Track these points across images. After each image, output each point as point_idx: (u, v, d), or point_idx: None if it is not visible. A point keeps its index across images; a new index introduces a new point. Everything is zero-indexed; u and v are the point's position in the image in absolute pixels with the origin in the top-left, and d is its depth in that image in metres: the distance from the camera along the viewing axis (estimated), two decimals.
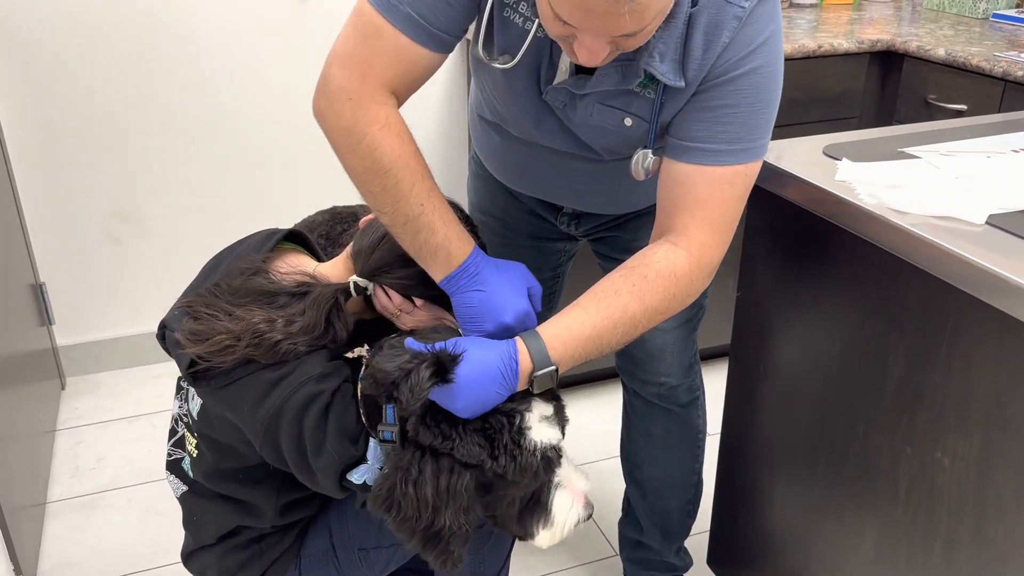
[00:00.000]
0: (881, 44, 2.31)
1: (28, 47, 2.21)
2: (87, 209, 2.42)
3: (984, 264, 0.99)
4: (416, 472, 1.04)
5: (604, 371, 2.47)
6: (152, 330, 2.61)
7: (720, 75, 1.07)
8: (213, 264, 1.29)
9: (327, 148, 1.15)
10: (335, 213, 1.58)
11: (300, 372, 1.12)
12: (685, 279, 1.11)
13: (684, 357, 1.56)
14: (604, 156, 1.27)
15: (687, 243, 1.11)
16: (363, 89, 1.09)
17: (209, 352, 1.11)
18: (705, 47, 1.05)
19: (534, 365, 1.04)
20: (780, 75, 1.10)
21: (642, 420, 1.66)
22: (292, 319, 1.13)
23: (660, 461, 1.67)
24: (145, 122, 2.37)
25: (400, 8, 1.07)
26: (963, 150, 1.32)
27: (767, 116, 1.11)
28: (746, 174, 1.12)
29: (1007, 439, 1.01)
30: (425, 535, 1.05)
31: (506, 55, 1.13)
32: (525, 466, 1.05)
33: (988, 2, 2.57)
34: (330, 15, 2.40)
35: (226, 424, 1.17)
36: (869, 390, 1.21)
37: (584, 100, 1.16)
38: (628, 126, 1.16)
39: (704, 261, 1.12)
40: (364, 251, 1.21)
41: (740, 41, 1.05)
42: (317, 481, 1.14)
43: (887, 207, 1.14)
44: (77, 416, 2.42)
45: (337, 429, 1.11)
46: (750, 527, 1.56)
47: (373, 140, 1.10)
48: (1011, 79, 2.01)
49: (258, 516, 1.25)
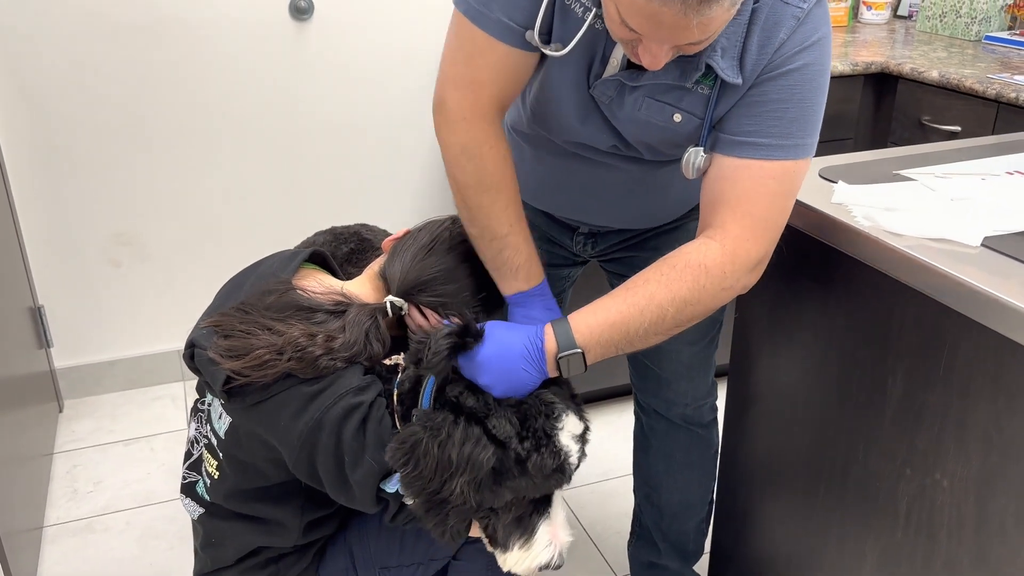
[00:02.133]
0: (875, 66, 2.33)
1: (28, 68, 2.22)
2: (87, 231, 2.42)
3: (981, 286, 1.00)
4: (445, 434, 1.06)
5: (604, 391, 2.48)
6: (150, 352, 2.64)
7: (773, 70, 1.08)
8: (234, 285, 1.30)
9: (326, 168, 1.18)
10: (336, 233, 1.60)
11: (338, 385, 1.13)
12: (717, 270, 1.09)
13: (708, 375, 1.58)
14: (645, 155, 1.26)
15: (722, 236, 1.10)
16: (476, 109, 1.17)
17: (248, 367, 1.11)
18: (762, 44, 1.07)
19: (559, 346, 1.07)
20: (828, 76, 1.12)
21: (663, 443, 1.65)
22: (333, 336, 1.15)
23: (680, 483, 1.67)
24: (145, 144, 2.38)
25: (491, 16, 1.12)
26: (958, 172, 1.33)
27: (816, 114, 1.12)
28: (794, 171, 1.11)
29: (1006, 461, 1.02)
30: (431, 499, 1.07)
31: (558, 43, 1.14)
32: (543, 462, 1.07)
33: (980, 24, 2.60)
34: (332, 36, 2.42)
35: (256, 442, 1.18)
36: (868, 412, 1.21)
37: (634, 94, 1.16)
38: (677, 122, 1.16)
39: (739, 255, 1.10)
40: (397, 271, 1.24)
41: (796, 38, 1.07)
42: (353, 494, 1.15)
43: (883, 229, 1.15)
44: (75, 439, 2.41)
45: (375, 439, 1.13)
46: (750, 549, 1.56)
47: (483, 159, 1.18)
48: (1004, 101, 2.03)
49: (282, 535, 1.26)
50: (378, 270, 1.30)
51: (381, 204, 2.65)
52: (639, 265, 1.46)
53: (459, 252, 1.27)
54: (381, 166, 2.61)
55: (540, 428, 1.08)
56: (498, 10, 1.11)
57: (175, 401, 2.58)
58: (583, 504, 2.17)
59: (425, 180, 2.67)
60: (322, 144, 2.53)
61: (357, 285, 1.30)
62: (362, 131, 2.55)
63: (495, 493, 1.09)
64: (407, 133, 2.58)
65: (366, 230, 1.61)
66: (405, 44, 2.49)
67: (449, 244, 1.27)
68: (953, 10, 2.66)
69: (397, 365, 1.22)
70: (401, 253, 1.26)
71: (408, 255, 1.25)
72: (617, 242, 1.50)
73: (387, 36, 2.47)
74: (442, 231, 1.29)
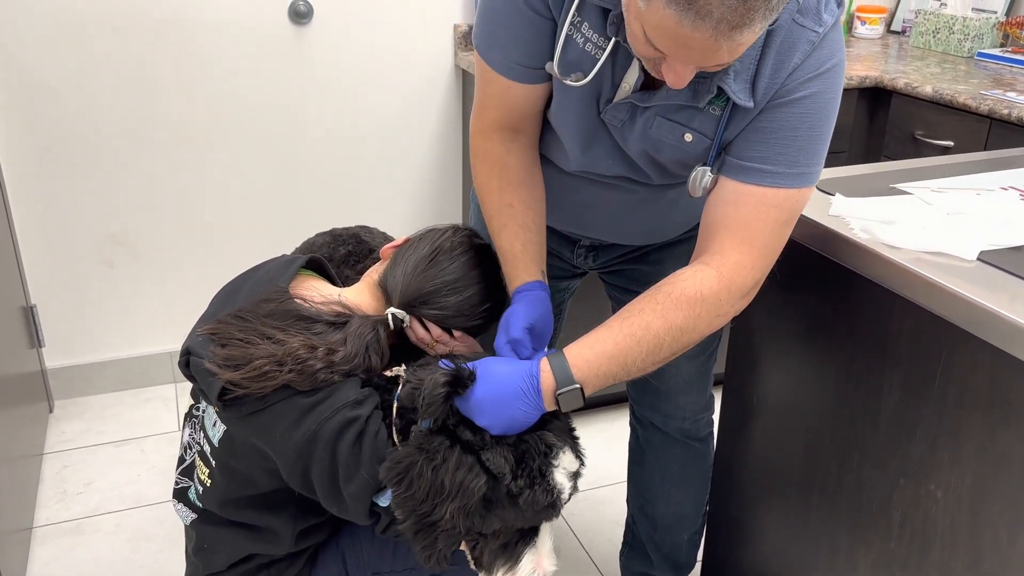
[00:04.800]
0: (870, 80, 2.35)
1: (23, 68, 2.21)
2: (80, 231, 2.41)
3: (976, 299, 1.01)
4: (440, 459, 1.06)
5: (597, 399, 2.48)
6: (142, 353, 2.63)
7: (786, 95, 1.08)
8: (230, 291, 1.28)
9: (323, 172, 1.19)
10: (335, 235, 1.60)
11: (335, 398, 1.12)
12: (712, 299, 1.09)
13: (707, 389, 1.58)
14: (653, 179, 1.27)
15: (719, 262, 1.11)
16: (478, 126, 1.29)
17: (246, 378, 1.10)
18: (776, 67, 1.06)
19: (556, 383, 1.06)
20: (838, 103, 1.12)
21: (659, 457, 1.65)
22: (333, 348, 1.14)
23: (675, 496, 1.67)
24: (141, 145, 2.38)
25: (493, 56, 1.21)
26: (954, 187, 1.35)
27: (824, 142, 1.12)
28: (797, 199, 1.12)
29: (1000, 472, 1.03)
30: (421, 521, 1.07)
31: (578, 73, 1.14)
32: (536, 499, 1.07)
33: (973, 41, 2.63)
34: (328, 40, 2.43)
35: (251, 451, 1.17)
36: (863, 422, 1.22)
37: (646, 114, 1.16)
38: (688, 142, 1.16)
39: (736, 282, 1.11)
40: (399, 283, 1.23)
41: (809, 63, 1.06)
42: (346, 507, 1.14)
43: (880, 242, 1.16)
44: (65, 440, 2.40)
45: (371, 454, 1.12)
46: (744, 559, 1.56)
47: (476, 168, 1.31)
48: (997, 117, 2.05)
49: (274, 543, 1.25)
50: (377, 279, 1.28)
51: (378, 207, 2.65)
52: (639, 278, 1.47)
53: (461, 263, 1.25)
54: (379, 169, 2.61)
55: (536, 468, 1.07)
56: (498, 50, 1.20)
57: (166, 403, 2.57)
58: (574, 511, 2.17)
59: (423, 184, 2.68)
60: (319, 147, 2.53)
61: (355, 293, 1.28)
62: (359, 134, 2.56)
63: (484, 520, 1.09)
64: (404, 137, 2.59)
65: (365, 232, 1.61)
66: (403, 48, 2.50)
67: (451, 255, 1.26)
68: (946, 27, 2.69)
69: (397, 377, 1.21)
70: (402, 263, 1.25)
71: (409, 266, 1.24)
72: (618, 255, 1.50)
73: (386, 40, 2.47)
74: (443, 241, 1.27)
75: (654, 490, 1.68)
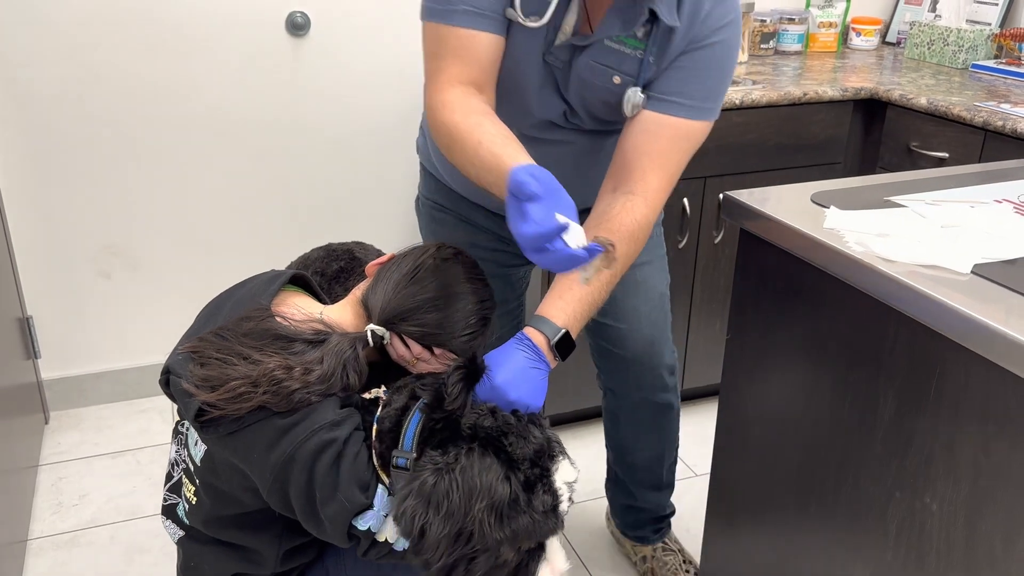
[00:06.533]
0: (865, 92, 2.36)
1: (19, 78, 2.22)
2: (77, 242, 2.41)
3: (970, 313, 1.01)
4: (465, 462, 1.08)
5: (594, 410, 2.48)
6: (138, 364, 2.63)
7: (699, 41, 1.30)
8: (213, 308, 1.27)
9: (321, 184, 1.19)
10: (330, 250, 1.60)
11: (312, 419, 1.11)
12: (646, 225, 1.32)
13: (668, 343, 1.70)
14: (586, 123, 1.42)
15: (643, 188, 1.31)
16: (435, 93, 1.28)
17: (222, 399, 1.09)
18: (693, 12, 1.29)
19: (547, 336, 1.20)
20: (737, 55, 1.36)
21: (630, 417, 1.78)
22: (310, 368, 1.12)
23: (649, 443, 1.80)
24: (138, 156, 2.38)
25: (456, 9, 1.26)
26: (948, 200, 1.35)
27: (726, 85, 1.36)
28: (701, 131, 1.35)
29: (995, 485, 1.03)
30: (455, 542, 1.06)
31: (533, 15, 1.28)
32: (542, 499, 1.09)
33: (967, 53, 2.64)
34: (325, 51, 2.44)
35: (232, 471, 1.16)
36: (858, 435, 1.22)
37: (583, 57, 1.33)
38: (617, 84, 1.34)
39: (656, 204, 1.33)
40: (379, 299, 1.21)
41: (716, 13, 1.29)
42: (324, 529, 1.13)
43: (875, 255, 1.16)
44: (60, 451, 2.39)
45: (349, 477, 1.11)
46: (739, 570, 1.56)
47: (434, 120, 1.28)
48: (991, 128, 2.06)
49: (259, 563, 1.24)
50: (360, 296, 1.27)
51: (373, 219, 2.65)
52: None
53: (442, 281, 1.23)
54: (375, 181, 2.62)
55: (544, 465, 1.11)
56: (462, 2, 1.26)
57: (162, 414, 2.57)
58: (571, 525, 2.17)
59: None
60: (316, 159, 2.54)
61: (338, 311, 1.27)
62: (356, 146, 2.56)
63: (504, 528, 1.09)
64: (401, 148, 2.59)
65: (360, 248, 1.61)
66: (400, 60, 2.50)
67: (433, 272, 1.23)
68: (941, 38, 2.70)
69: (377, 399, 1.20)
70: (384, 280, 1.23)
71: (391, 283, 1.22)
72: None
73: (383, 51, 2.48)
74: (426, 258, 1.25)
75: (628, 443, 1.83)
